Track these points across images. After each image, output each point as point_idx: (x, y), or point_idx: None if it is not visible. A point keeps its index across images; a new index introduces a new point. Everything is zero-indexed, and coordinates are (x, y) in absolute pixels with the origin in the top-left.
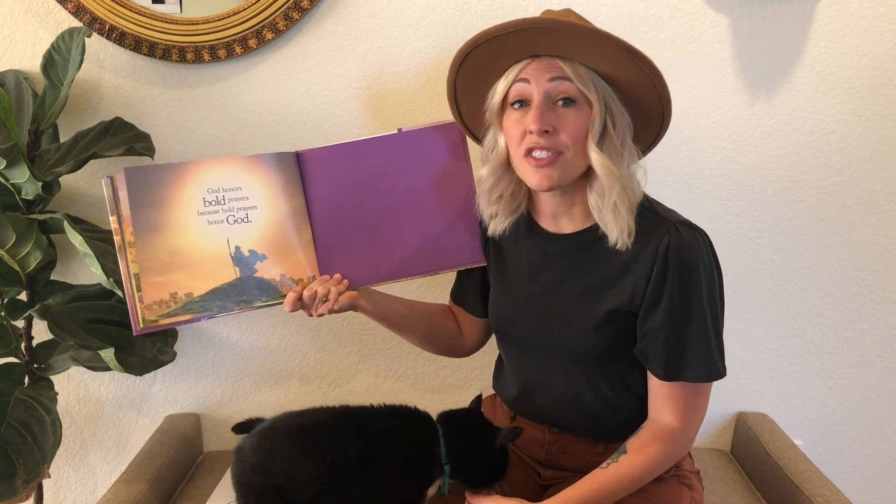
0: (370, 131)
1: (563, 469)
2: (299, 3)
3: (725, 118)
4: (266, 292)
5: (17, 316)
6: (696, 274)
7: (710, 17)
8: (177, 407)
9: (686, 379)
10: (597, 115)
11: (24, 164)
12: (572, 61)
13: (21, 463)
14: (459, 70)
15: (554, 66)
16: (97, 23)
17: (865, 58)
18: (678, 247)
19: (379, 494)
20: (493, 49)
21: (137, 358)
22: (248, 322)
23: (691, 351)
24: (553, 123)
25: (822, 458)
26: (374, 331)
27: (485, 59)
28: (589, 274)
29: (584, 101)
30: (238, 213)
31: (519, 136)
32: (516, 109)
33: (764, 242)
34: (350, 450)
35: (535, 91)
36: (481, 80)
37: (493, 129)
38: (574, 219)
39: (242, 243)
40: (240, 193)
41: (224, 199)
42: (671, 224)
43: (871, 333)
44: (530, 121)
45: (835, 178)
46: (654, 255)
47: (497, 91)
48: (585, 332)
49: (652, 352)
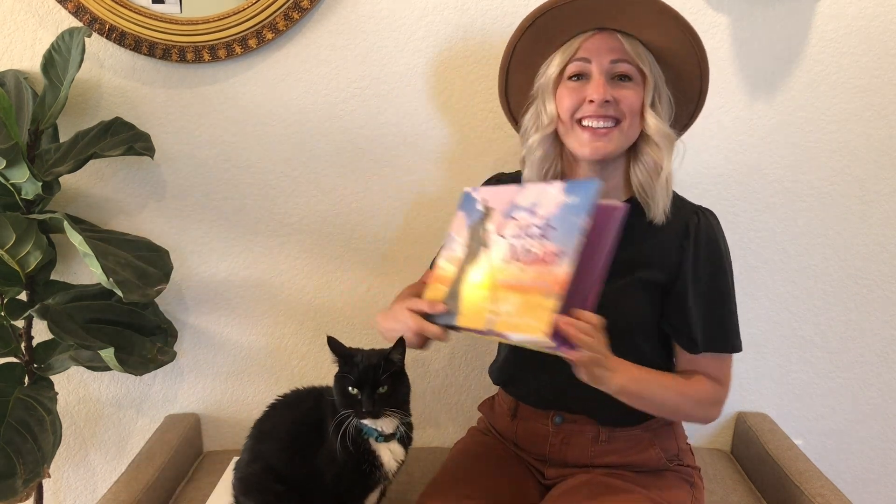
0: (370, 131)
1: (566, 465)
2: (299, 3)
3: (725, 118)
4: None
5: (17, 316)
6: (724, 254)
7: (710, 17)
8: (177, 407)
9: (720, 350)
10: (650, 87)
11: (24, 164)
12: (632, 38)
13: (21, 463)
14: (521, 38)
15: (615, 45)
16: (97, 23)
17: (865, 58)
18: (709, 227)
19: (330, 459)
20: (557, 17)
21: (137, 358)
22: (248, 322)
23: (726, 324)
24: (614, 94)
25: (822, 458)
26: (375, 331)
27: (546, 28)
28: (621, 249)
29: (640, 77)
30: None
31: (574, 105)
32: (574, 81)
33: (764, 242)
34: (309, 420)
35: (595, 69)
36: (536, 50)
37: (544, 99)
38: (607, 195)
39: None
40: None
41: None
42: (695, 206)
43: (871, 333)
44: (592, 90)
45: (835, 178)
46: (686, 232)
47: (554, 63)
48: (609, 305)
49: (687, 326)
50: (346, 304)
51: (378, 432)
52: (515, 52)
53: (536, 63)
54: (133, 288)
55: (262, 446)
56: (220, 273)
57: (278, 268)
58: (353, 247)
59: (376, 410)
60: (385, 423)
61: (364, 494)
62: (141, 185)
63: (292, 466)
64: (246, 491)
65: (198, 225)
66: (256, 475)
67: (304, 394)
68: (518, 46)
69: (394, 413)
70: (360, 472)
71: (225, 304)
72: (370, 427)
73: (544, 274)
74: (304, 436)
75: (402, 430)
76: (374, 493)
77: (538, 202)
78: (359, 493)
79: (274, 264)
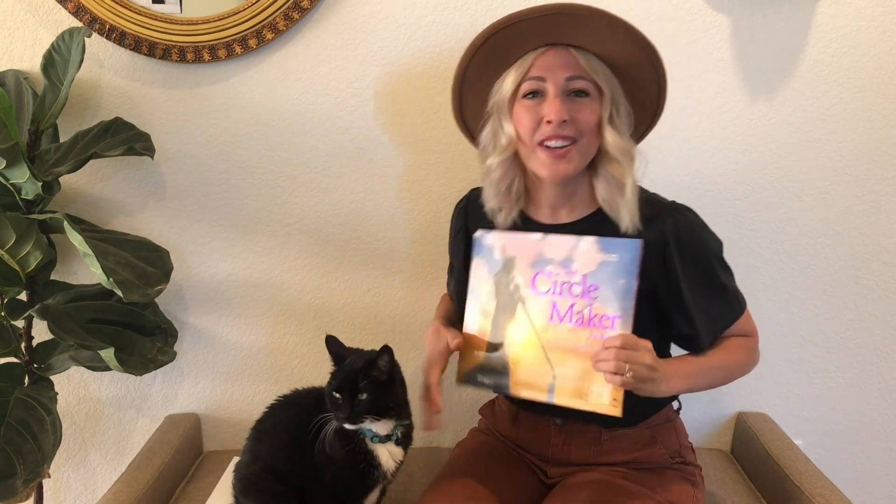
0: (370, 131)
1: (569, 464)
2: (299, 3)
3: (725, 118)
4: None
5: (17, 316)
6: (708, 246)
7: (710, 17)
8: (177, 407)
9: (734, 322)
10: (608, 101)
11: (24, 164)
12: (586, 52)
13: (21, 463)
14: (474, 57)
15: (569, 60)
16: (97, 23)
17: (865, 58)
18: (687, 227)
19: (328, 459)
20: (510, 35)
21: (137, 358)
22: (248, 322)
23: (730, 301)
24: (570, 112)
25: (822, 458)
26: (375, 331)
27: (498, 46)
28: None
29: (597, 91)
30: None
31: (532, 125)
32: (529, 99)
33: (764, 242)
34: (309, 421)
35: (550, 87)
36: (490, 68)
37: (499, 118)
38: (574, 209)
39: None
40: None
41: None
42: (669, 206)
43: (871, 333)
44: (549, 110)
45: (835, 178)
46: (663, 237)
47: (508, 81)
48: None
49: (694, 329)
50: (346, 304)
51: (373, 433)
52: (468, 72)
53: (490, 80)
54: (133, 288)
55: (262, 446)
56: (220, 273)
57: (278, 268)
58: (353, 247)
59: (353, 417)
60: (380, 425)
61: (363, 494)
62: (141, 185)
63: (292, 466)
64: (246, 491)
65: (198, 225)
66: (256, 475)
67: (304, 394)
68: (470, 66)
69: (376, 418)
70: (358, 471)
71: (225, 304)
72: (365, 428)
73: (600, 340)
74: (304, 436)
75: (399, 433)
76: (374, 492)
77: (571, 258)
78: (358, 493)
79: (274, 264)
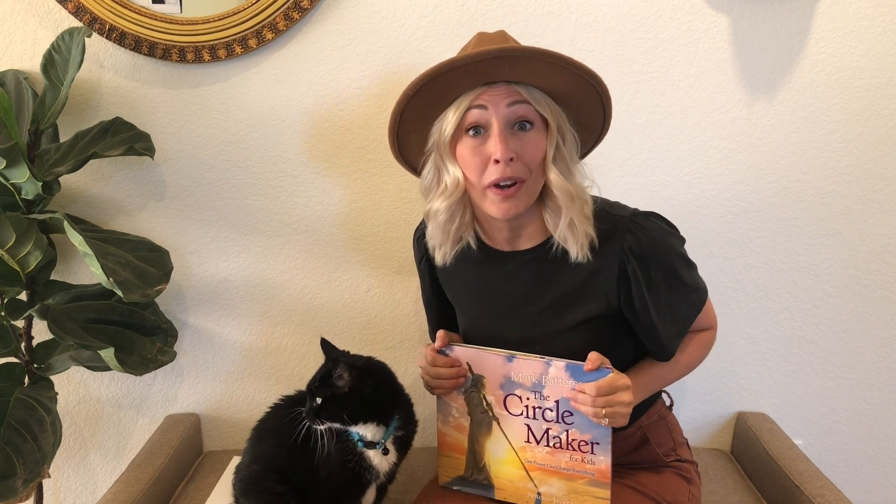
0: (370, 131)
1: None
2: (299, 3)
3: (725, 118)
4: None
5: (17, 316)
6: (670, 254)
7: (710, 17)
8: (177, 407)
9: (694, 317)
10: (554, 134)
11: (24, 164)
12: (527, 85)
13: (21, 463)
14: (412, 98)
15: (511, 90)
16: (97, 23)
17: (865, 58)
18: (647, 239)
19: (324, 458)
20: (449, 77)
21: (137, 358)
22: (248, 322)
23: (694, 300)
24: (516, 150)
25: (822, 458)
26: (375, 331)
27: (436, 89)
28: (556, 284)
29: (541, 123)
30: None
31: (479, 166)
32: (472, 137)
33: (764, 242)
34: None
35: (493, 117)
36: (427, 112)
37: (442, 159)
38: (532, 236)
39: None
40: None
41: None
42: (626, 220)
43: (871, 333)
44: (494, 149)
45: (835, 178)
46: (622, 254)
47: (449, 119)
48: (564, 339)
49: (659, 339)
50: (346, 304)
51: (359, 436)
52: (404, 115)
53: (430, 120)
54: (133, 288)
55: (263, 447)
56: (220, 273)
57: (278, 268)
58: (353, 247)
59: (311, 417)
60: (365, 429)
61: (358, 493)
62: (141, 185)
63: (292, 467)
64: (246, 492)
65: (198, 225)
66: (256, 476)
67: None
68: (407, 108)
69: (350, 423)
70: (349, 470)
71: (225, 304)
72: (352, 430)
73: (581, 462)
74: (305, 437)
75: (385, 442)
76: (370, 491)
77: (541, 383)
78: (353, 493)
79: (274, 264)
